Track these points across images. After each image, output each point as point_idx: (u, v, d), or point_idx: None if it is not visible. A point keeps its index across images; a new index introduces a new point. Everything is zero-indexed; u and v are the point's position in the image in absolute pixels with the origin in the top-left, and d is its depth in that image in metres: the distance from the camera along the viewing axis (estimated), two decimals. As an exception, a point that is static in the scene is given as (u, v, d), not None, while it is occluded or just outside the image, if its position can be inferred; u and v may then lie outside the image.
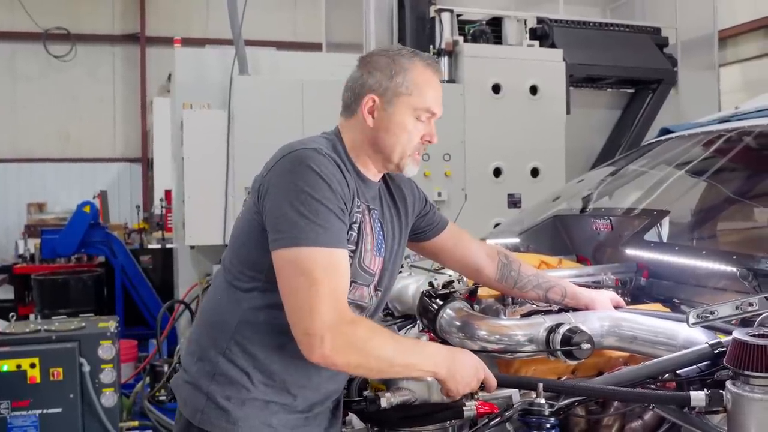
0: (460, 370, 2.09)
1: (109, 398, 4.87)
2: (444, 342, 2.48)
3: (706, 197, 3.56)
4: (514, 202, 6.86)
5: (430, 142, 2.26)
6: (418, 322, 3.06)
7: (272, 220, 2.02)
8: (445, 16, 6.79)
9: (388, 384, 2.28)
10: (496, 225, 6.56)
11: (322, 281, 1.95)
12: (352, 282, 2.12)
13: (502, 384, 2.27)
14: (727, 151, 3.44)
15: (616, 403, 2.36)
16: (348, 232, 2.09)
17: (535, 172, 6.98)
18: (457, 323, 2.43)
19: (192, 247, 6.57)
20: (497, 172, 6.87)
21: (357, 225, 2.13)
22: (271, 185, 2.05)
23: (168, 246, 9.39)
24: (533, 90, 6.99)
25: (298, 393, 2.15)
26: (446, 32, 6.77)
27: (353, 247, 2.12)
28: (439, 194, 6.58)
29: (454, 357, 2.11)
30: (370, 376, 2.24)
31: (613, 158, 7.34)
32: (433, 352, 2.11)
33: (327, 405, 2.26)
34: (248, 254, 2.13)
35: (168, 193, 10.19)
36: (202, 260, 6.78)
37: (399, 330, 3.06)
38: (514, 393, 2.31)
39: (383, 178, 2.35)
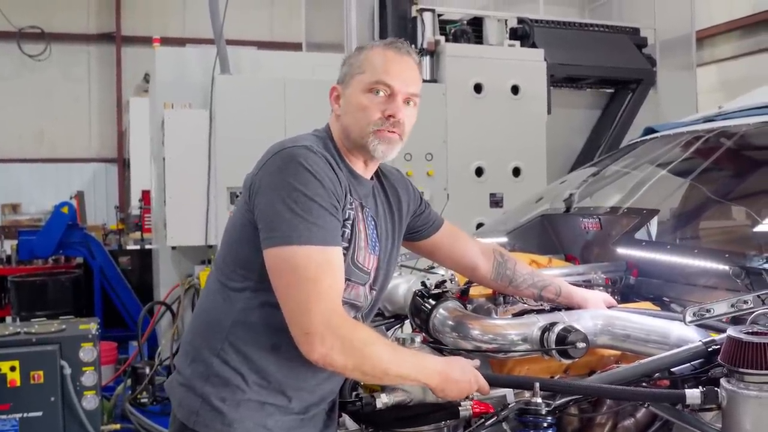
0: (452, 380, 2.08)
1: (90, 401, 4.82)
2: (436, 342, 2.48)
3: (691, 197, 3.57)
4: (496, 201, 6.87)
5: (392, 116, 2.17)
6: (407, 322, 3.06)
7: (264, 219, 2.00)
8: (427, 15, 6.79)
9: (383, 385, 2.28)
10: (479, 224, 6.59)
11: (318, 279, 1.94)
12: (347, 280, 2.11)
13: (497, 384, 2.27)
14: (712, 151, 3.46)
15: (608, 402, 2.37)
16: (341, 229, 2.07)
17: (516, 172, 7.00)
18: (451, 323, 2.43)
19: (173, 248, 6.52)
20: (479, 172, 6.88)
21: (350, 222, 2.12)
22: (262, 183, 2.03)
23: (147, 247, 9.31)
24: (514, 90, 7.01)
25: (293, 395, 2.13)
26: (428, 32, 6.77)
27: (346, 245, 2.10)
28: (422, 194, 6.54)
29: (447, 367, 2.10)
30: (362, 380, 2.23)
31: (594, 158, 7.42)
32: (427, 364, 2.09)
33: (322, 406, 2.24)
34: (240, 253, 2.11)
35: (146, 193, 10.12)
36: (184, 261, 6.73)
37: (387, 330, 3.06)
38: (508, 392, 2.31)
39: (377, 176, 2.34)
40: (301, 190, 1.98)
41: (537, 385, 2.07)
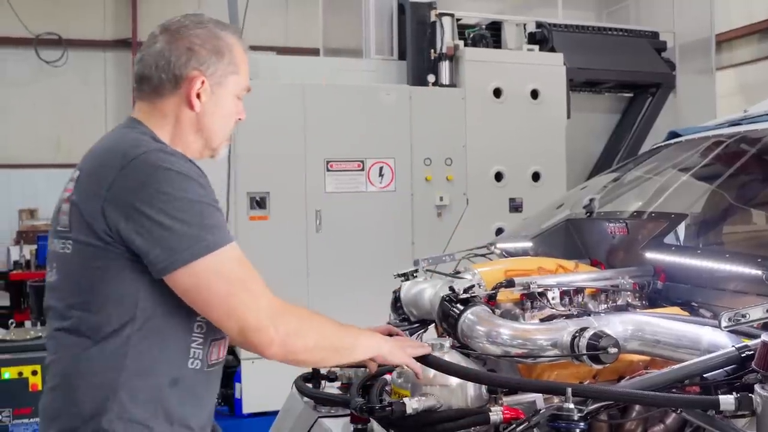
0: (394, 343, 2.16)
1: (111, 405, 4.82)
2: (464, 347, 2.47)
3: (718, 202, 3.54)
4: (515, 206, 6.85)
5: (240, 119, 2.13)
6: (430, 326, 3.05)
7: (154, 242, 1.78)
8: (446, 20, 6.78)
9: (412, 390, 2.27)
10: (498, 230, 6.58)
11: (244, 276, 1.86)
12: None
13: (527, 388, 2.26)
14: (738, 155, 3.42)
15: (638, 408, 2.35)
16: None
17: (536, 177, 6.98)
18: (480, 328, 2.41)
19: (192, 253, 6.51)
20: (498, 177, 6.86)
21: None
22: (128, 206, 1.79)
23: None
24: (534, 94, 7.00)
25: (195, 425, 1.99)
26: (447, 37, 6.76)
27: None
28: (441, 199, 6.57)
29: (381, 336, 2.20)
30: (323, 361, 2.16)
31: (613, 162, 7.40)
32: (365, 331, 2.17)
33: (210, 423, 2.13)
34: (112, 292, 1.84)
35: (162, 198, 10.06)
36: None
37: (411, 335, 3.05)
38: (538, 398, 2.30)
39: None
40: (182, 196, 1.80)
41: (569, 390, 2.05)
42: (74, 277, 1.89)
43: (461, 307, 2.50)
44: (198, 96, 2.00)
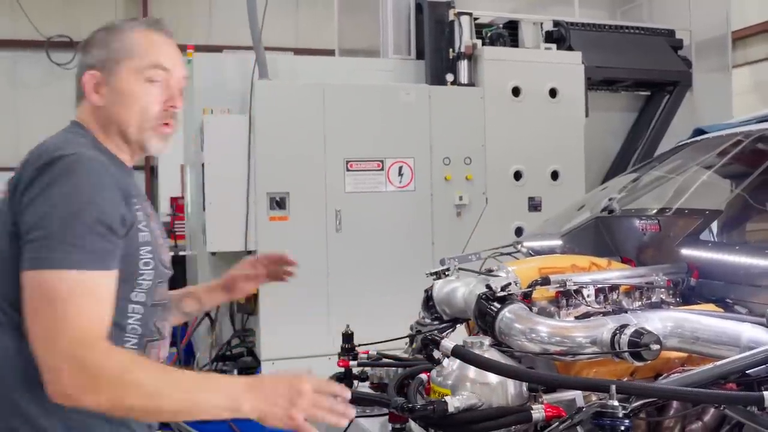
0: (271, 398, 1.74)
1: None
2: (501, 344, 2.46)
3: (745, 199, 3.53)
4: (534, 205, 6.83)
5: (173, 107, 2.05)
6: (459, 326, 3.06)
7: (26, 240, 1.76)
8: (464, 19, 6.76)
9: (454, 388, 2.27)
10: (517, 228, 6.57)
11: (64, 308, 1.69)
12: (158, 282, 1.98)
13: (569, 386, 2.26)
14: (766, 152, 3.41)
15: (676, 405, 2.34)
16: (140, 234, 1.90)
17: (555, 176, 6.95)
18: (518, 325, 2.41)
19: (213, 254, 6.52)
20: (517, 176, 6.84)
21: (145, 224, 1.94)
22: (29, 202, 1.78)
23: (181, 253, 9.32)
24: (552, 93, 6.97)
25: (136, 425, 1.93)
26: (465, 36, 6.74)
27: (150, 248, 1.93)
28: (461, 198, 6.54)
29: (257, 385, 1.76)
30: (141, 418, 1.90)
31: (630, 160, 7.38)
32: (226, 383, 1.78)
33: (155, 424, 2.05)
34: (8, 285, 1.81)
35: (174, 200, 10.08)
36: (223, 267, 6.73)
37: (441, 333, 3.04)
38: (578, 396, 2.29)
39: None
40: (67, 206, 1.75)
41: (613, 387, 2.04)
42: (3, 272, 1.85)
43: (498, 305, 2.49)
44: (98, 91, 2.02)
